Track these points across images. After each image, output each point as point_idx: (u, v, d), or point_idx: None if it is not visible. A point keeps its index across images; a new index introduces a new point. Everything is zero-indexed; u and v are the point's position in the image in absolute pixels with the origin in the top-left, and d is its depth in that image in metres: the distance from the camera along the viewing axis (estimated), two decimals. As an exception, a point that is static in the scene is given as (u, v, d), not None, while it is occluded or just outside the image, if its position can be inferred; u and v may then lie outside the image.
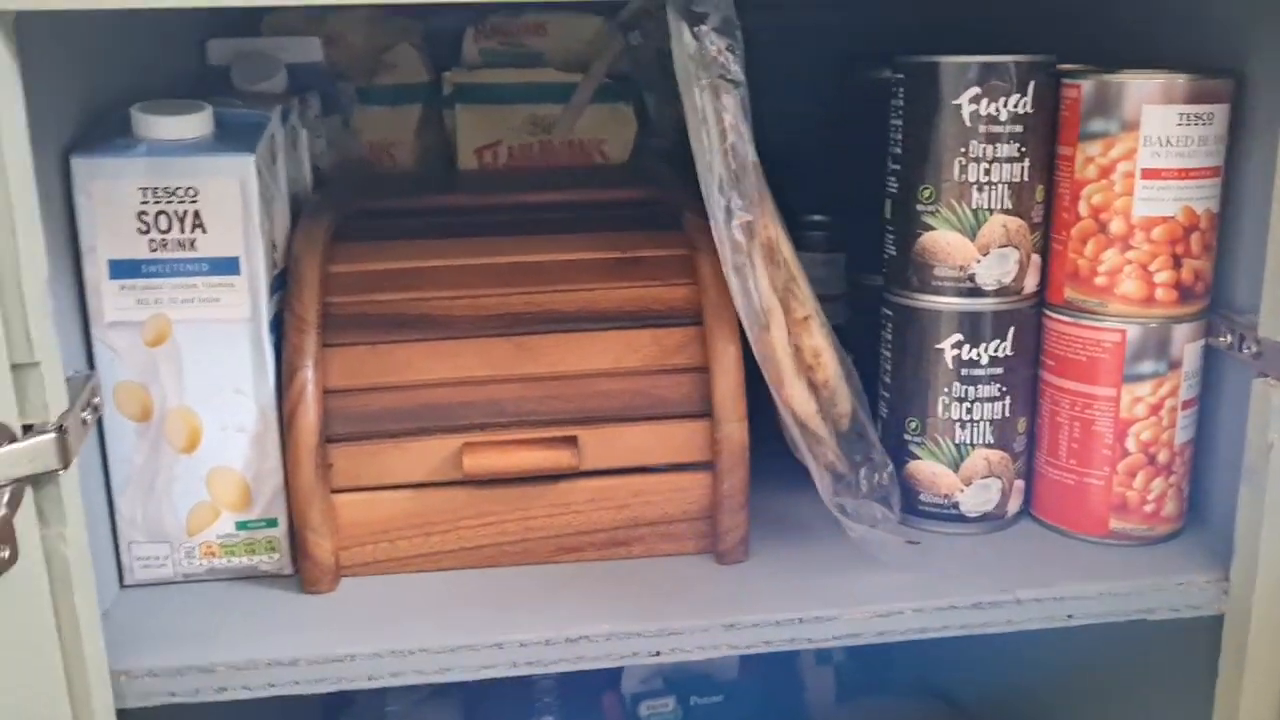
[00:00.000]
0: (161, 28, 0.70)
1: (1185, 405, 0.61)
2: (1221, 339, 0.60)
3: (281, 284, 0.61)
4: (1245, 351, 0.58)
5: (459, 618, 0.57)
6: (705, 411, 0.61)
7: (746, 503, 0.61)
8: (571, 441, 0.60)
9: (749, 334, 0.57)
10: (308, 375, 0.58)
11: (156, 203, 0.56)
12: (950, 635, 0.58)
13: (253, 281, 0.58)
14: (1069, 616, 0.59)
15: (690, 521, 0.62)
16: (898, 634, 0.58)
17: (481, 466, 0.59)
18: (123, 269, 0.57)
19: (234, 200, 0.57)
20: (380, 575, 0.61)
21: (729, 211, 0.55)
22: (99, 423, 0.58)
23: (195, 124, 0.57)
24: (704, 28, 0.53)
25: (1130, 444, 0.61)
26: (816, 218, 0.81)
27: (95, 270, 0.57)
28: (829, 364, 0.60)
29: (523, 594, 0.59)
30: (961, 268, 0.61)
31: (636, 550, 0.62)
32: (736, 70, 0.54)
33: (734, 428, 0.60)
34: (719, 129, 0.54)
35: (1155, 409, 0.60)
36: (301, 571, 0.59)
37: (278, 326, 0.60)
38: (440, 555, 0.61)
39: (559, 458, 0.59)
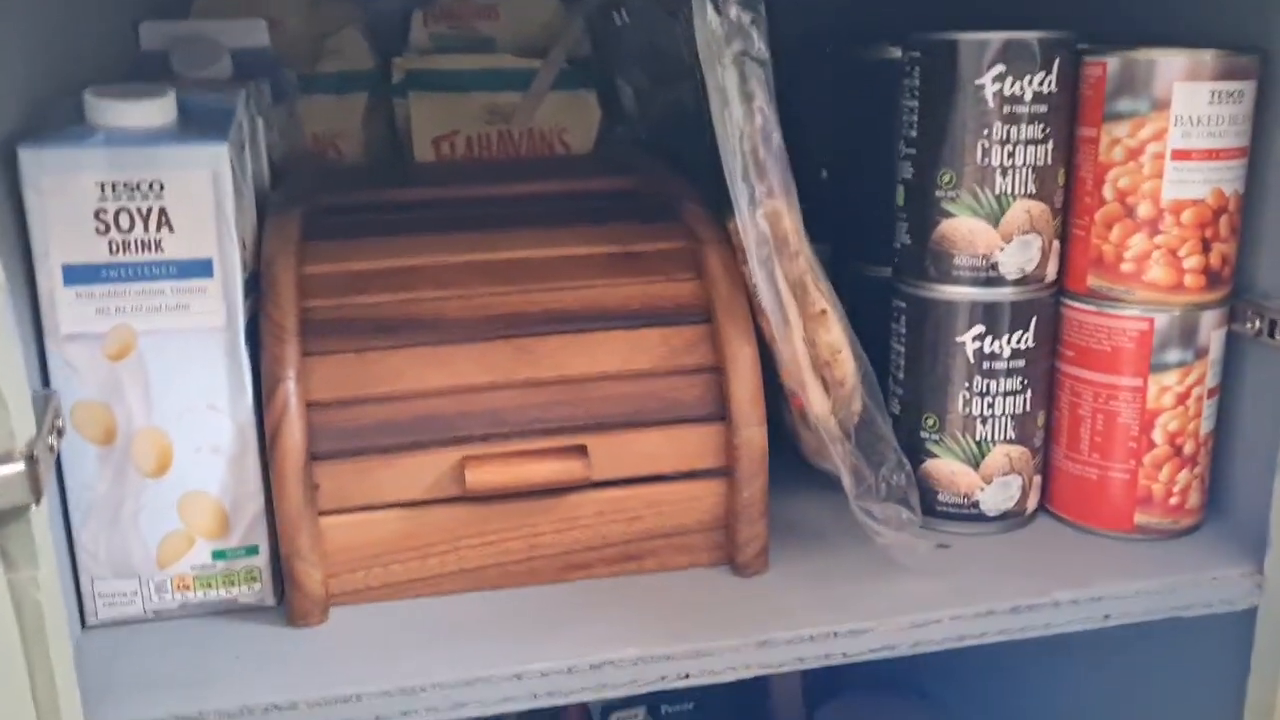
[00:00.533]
0: (91, 9, 0.63)
1: (1210, 394, 0.59)
2: (1248, 325, 0.58)
3: (252, 289, 0.55)
4: (1278, 338, 0.56)
5: (468, 648, 0.52)
6: (720, 415, 0.57)
7: (767, 511, 0.57)
8: (581, 451, 0.55)
9: (776, 332, 0.54)
10: (290, 387, 0.53)
11: (117, 199, 0.50)
12: (988, 642, 0.55)
13: (227, 285, 0.52)
14: (1106, 617, 0.57)
15: (705, 532, 0.58)
16: (934, 644, 0.55)
17: (486, 482, 0.54)
18: (79, 274, 0.51)
19: (205, 195, 0.51)
20: (372, 604, 0.56)
21: (754, 200, 0.51)
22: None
23: (158, 110, 0.51)
24: (727, 1, 0.49)
25: (1157, 435, 0.59)
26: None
27: (48, 277, 0.50)
28: (847, 361, 0.57)
29: (533, 618, 0.55)
30: (984, 256, 0.58)
31: (649, 564, 0.58)
32: (761, 47, 0.50)
33: (753, 432, 0.56)
34: (744, 109, 0.50)
35: (1182, 398, 0.58)
36: (290, 603, 0.54)
37: (252, 335, 0.54)
38: (439, 579, 0.56)
39: (570, 469, 0.55)
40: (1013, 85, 0.56)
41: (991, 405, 0.60)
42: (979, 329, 0.59)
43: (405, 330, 0.56)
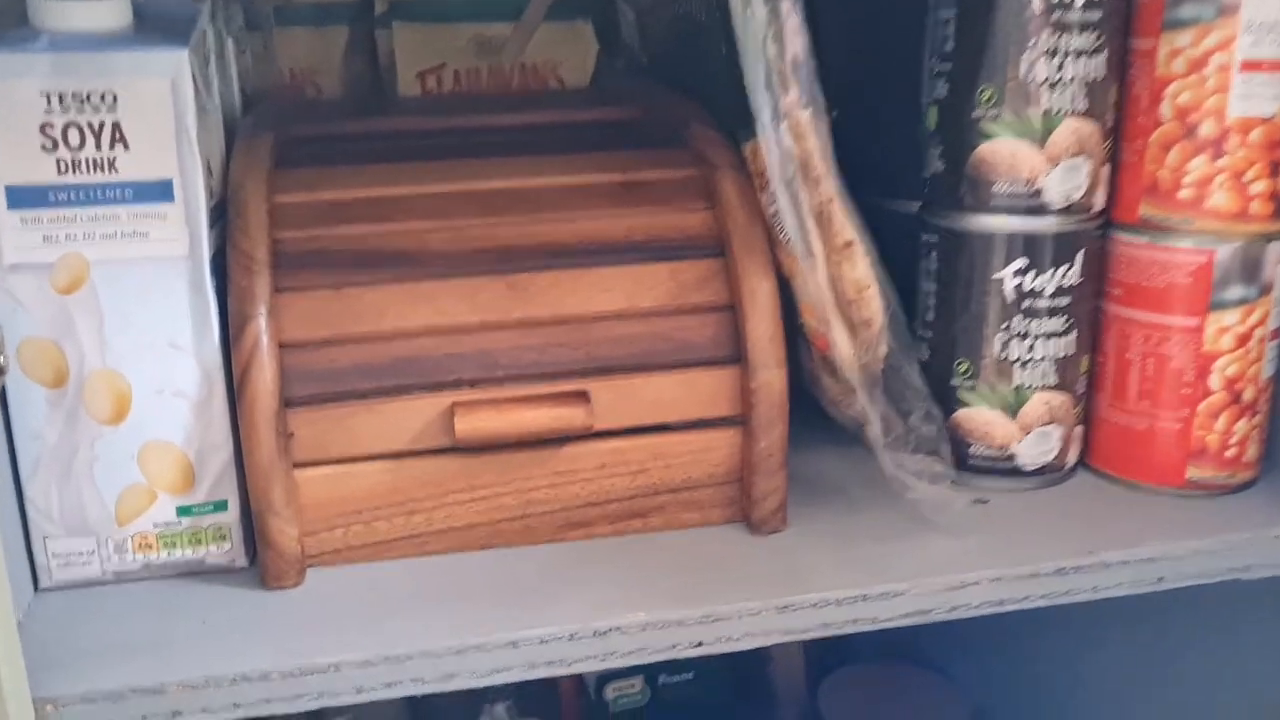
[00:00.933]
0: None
1: (1273, 335, 0.54)
2: (1316, 259, 0.53)
3: (219, 218, 0.50)
4: (1352, 272, 0.51)
5: (458, 612, 0.47)
6: (734, 357, 0.52)
7: (785, 462, 0.52)
8: (582, 397, 0.50)
9: (801, 264, 0.48)
10: (260, 325, 0.48)
11: (65, 112, 0.45)
12: (1030, 607, 0.51)
13: (190, 210, 0.47)
14: (1160, 579, 0.52)
15: (717, 486, 0.53)
16: (972, 608, 0.50)
17: (477, 430, 0.49)
18: (24, 197, 0.45)
19: (164, 107, 0.46)
20: (352, 564, 0.51)
21: (777, 113, 0.46)
22: (1, 392, 0.46)
23: (111, 12, 0.46)
24: (747, -112, 0.44)
25: (1214, 381, 0.54)
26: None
27: (-13, 199, 0.45)
28: (874, 299, 0.52)
29: (529, 580, 0.50)
30: (1027, 181, 0.53)
31: (655, 522, 0.53)
32: (786, -59, 0.45)
33: (772, 375, 0.51)
34: (768, 10, 0.45)
35: (1243, 340, 0.53)
36: (263, 563, 0.49)
37: (219, 269, 0.49)
38: (424, 538, 0.51)
39: (570, 416, 0.50)
40: (1062, -11, 0.50)
41: (1031, 348, 0.55)
42: (1020, 263, 0.54)
43: (387, 264, 0.51)
